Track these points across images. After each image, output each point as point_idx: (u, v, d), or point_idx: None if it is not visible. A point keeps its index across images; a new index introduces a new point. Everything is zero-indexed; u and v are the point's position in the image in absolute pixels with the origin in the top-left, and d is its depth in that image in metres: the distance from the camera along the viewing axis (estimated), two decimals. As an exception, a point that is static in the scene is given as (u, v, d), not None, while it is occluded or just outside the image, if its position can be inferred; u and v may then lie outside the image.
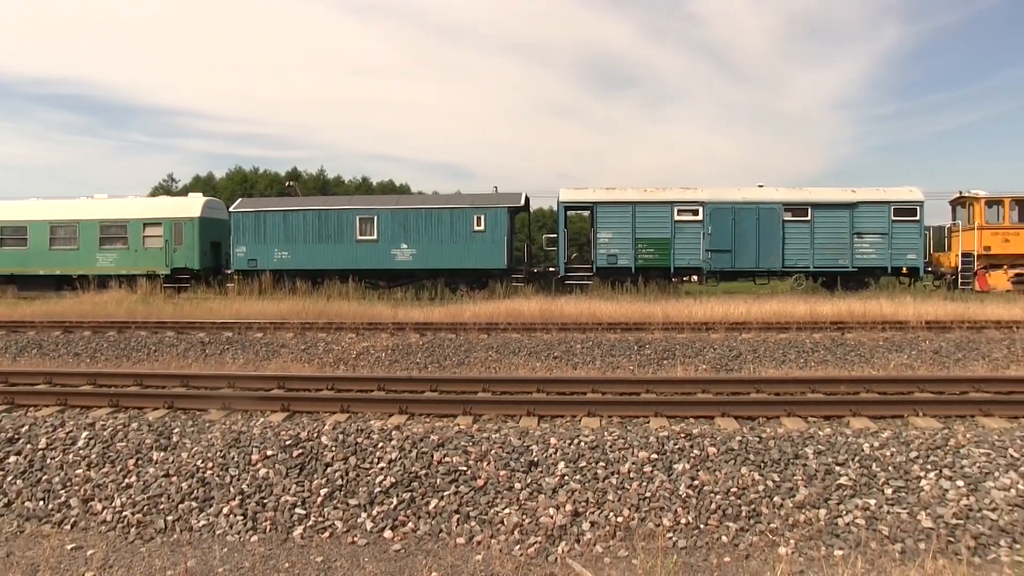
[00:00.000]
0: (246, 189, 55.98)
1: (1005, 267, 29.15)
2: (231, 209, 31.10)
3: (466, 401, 9.13)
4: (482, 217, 29.01)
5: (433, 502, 7.00)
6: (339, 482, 7.28)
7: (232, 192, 52.30)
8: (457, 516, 6.84)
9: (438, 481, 7.22)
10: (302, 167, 67.59)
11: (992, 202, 29.37)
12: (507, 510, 6.86)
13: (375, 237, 29.51)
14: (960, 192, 30.36)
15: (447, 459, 7.47)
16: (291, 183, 44.26)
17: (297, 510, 7.00)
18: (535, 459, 7.44)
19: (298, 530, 6.79)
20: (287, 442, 7.85)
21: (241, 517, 6.96)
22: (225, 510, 7.05)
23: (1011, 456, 7.31)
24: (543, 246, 33.43)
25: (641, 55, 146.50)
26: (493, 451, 7.57)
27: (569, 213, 30.90)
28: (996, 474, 7.08)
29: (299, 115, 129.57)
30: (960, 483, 6.98)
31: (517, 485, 7.13)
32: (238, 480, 7.40)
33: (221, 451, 7.80)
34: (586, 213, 31.15)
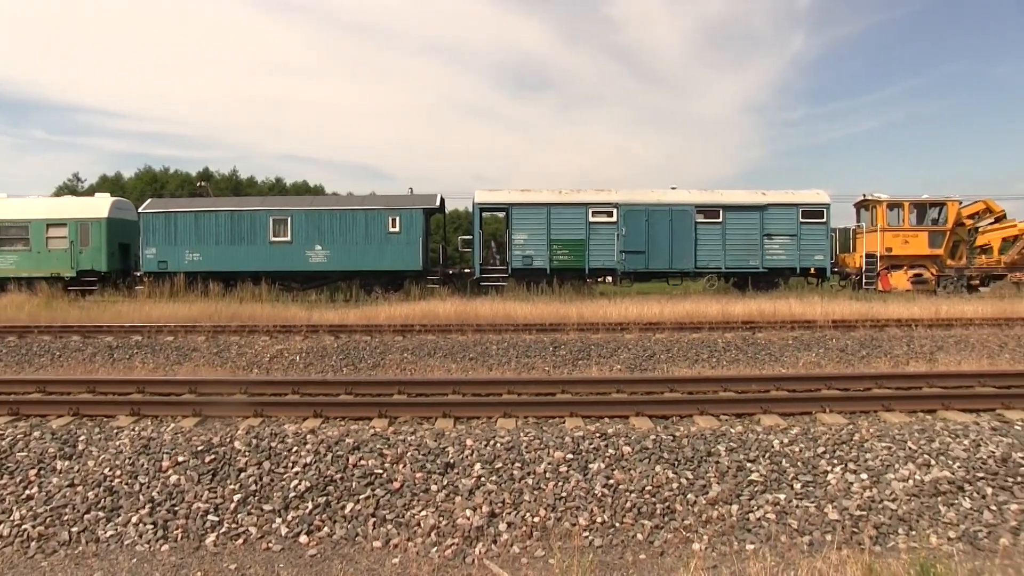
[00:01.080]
0: (156, 189, 54.67)
1: (905, 267, 30.15)
2: (141, 210, 30.26)
3: (381, 404, 9.07)
4: (397, 218, 28.84)
5: (349, 506, 6.93)
6: (253, 487, 7.16)
7: (141, 192, 50.99)
8: (373, 519, 6.79)
9: (354, 484, 7.16)
10: (214, 167, 66.49)
11: (893, 205, 30.35)
12: (424, 512, 6.83)
13: (289, 238, 29.09)
14: (864, 195, 31.31)
15: (363, 462, 7.41)
16: (203, 183, 43.41)
17: (210, 517, 6.85)
18: (451, 461, 7.43)
19: (211, 537, 6.65)
20: (199, 448, 7.68)
21: (151, 526, 6.78)
22: (134, 519, 6.87)
23: (910, 449, 7.58)
24: (459, 247, 33.41)
25: (557, 58, 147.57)
26: (409, 453, 7.53)
27: (484, 214, 30.92)
28: (896, 466, 7.34)
29: (211, 114, 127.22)
30: (864, 476, 7.22)
31: (433, 487, 7.11)
32: (148, 488, 7.22)
33: (130, 458, 7.60)
34: (501, 214, 31.23)
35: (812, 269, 29.85)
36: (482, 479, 7.18)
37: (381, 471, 7.31)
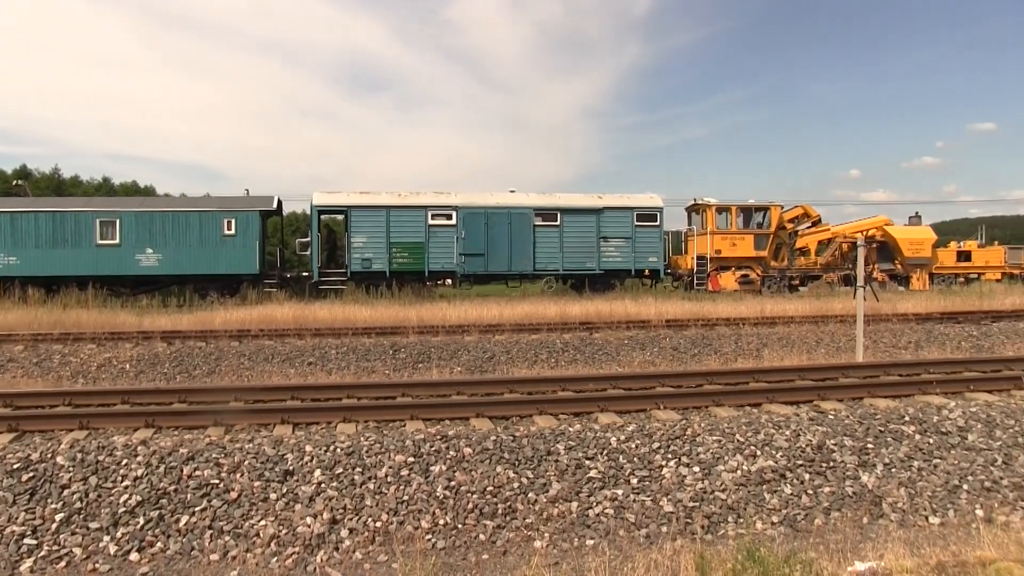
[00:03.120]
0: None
1: (733, 269, 31.58)
2: (-52, 211, 28.28)
3: (217, 411, 8.81)
4: (232, 221, 28.02)
5: (184, 519, 6.68)
6: (77, 505, 6.80)
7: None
8: (210, 532, 6.57)
9: (189, 496, 6.91)
10: (33, 165, 62.73)
11: (722, 209, 31.73)
12: (263, 522, 6.67)
13: (117, 241, 27.75)
14: (695, 200, 32.61)
15: (198, 473, 7.16)
16: (19, 182, 40.95)
17: (27, 540, 6.45)
18: (290, 468, 7.28)
19: (27, 563, 6.25)
20: (15, 465, 7.22)
21: (-38, 550, 6.34)
22: (-56, 543, 6.40)
23: (738, 441, 7.96)
24: (296, 251, 32.80)
25: (396, 59, 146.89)
26: (247, 462, 7.33)
27: (323, 217, 30.58)
28: (726, 458, 7.70)
29: (29, 108, 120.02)
30: (696, 469, 7.53)
31: (273, 495, 6.95)
32: (-40, 509, 6.75)
33: (-61, 478, 7.09)
34: (340, 217, 30.88)
35: (646, 271, 30.85)
36: (323, 485, 7.07)
37: (218, 481, 7.08)
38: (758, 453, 7.80)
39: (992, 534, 6.19)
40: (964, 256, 35.42)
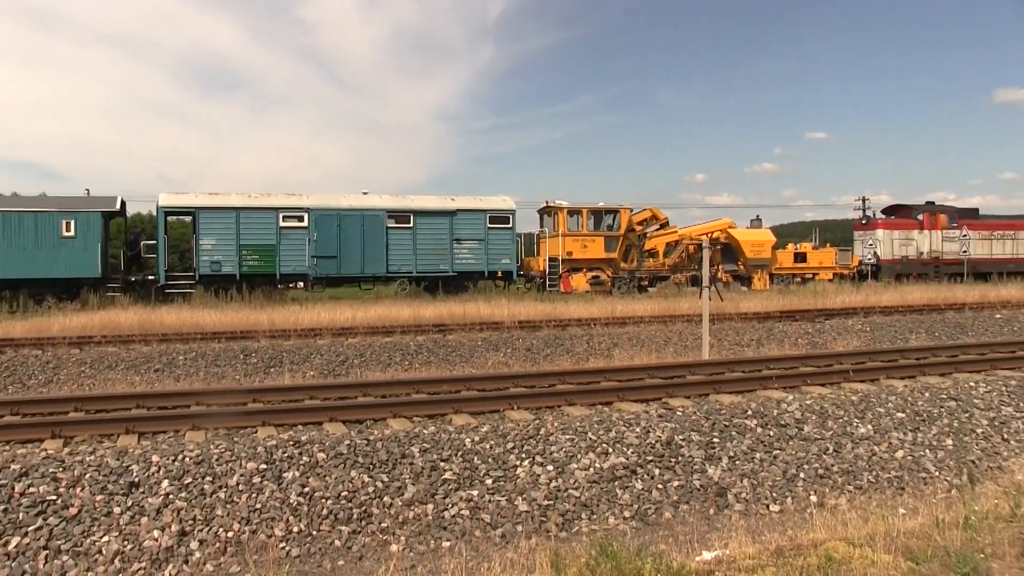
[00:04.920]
0: None
1: (584, 270, 32.17)
2: None
3: (55, 423, 8.40)
4: (72, 222, 26.65)
5: (15, 540, 6.29)
6: None
7: None
8: (46, 552, 6.22)
9: (21, 516, 6.51)
10: None
11: (573, 211, 32.29)
12: (106, 538, 6.36)
13: (-61, 244, 26.01)
14: (547, 202, 33.07)
15: (32, 489, 6.76)
16: None
17: None
18: (136, 479, 6.98)
19: None
20: None
21: None
22: None
23: (590, 439, 8.13)
24: (142, 253, 31.54)
25: (248, 57, 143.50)
26: (88, 475, 6.98)
27: (170, 219, 29.63)
28: (579, 456, 7.85)
29: None
30: (550, 467, 7.64)
31: (117, 509, 6.64)
32: None
33: None
34: (188, 219, 29.90)
35: (499, 272, 31.06)
36: (171, 496, 6.82)
37: (55, 497, 6.72)
38: (610, 450, 7.99)
39: (823, 517, 6.53)
40: (800, 257, 37.13)
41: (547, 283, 31.40)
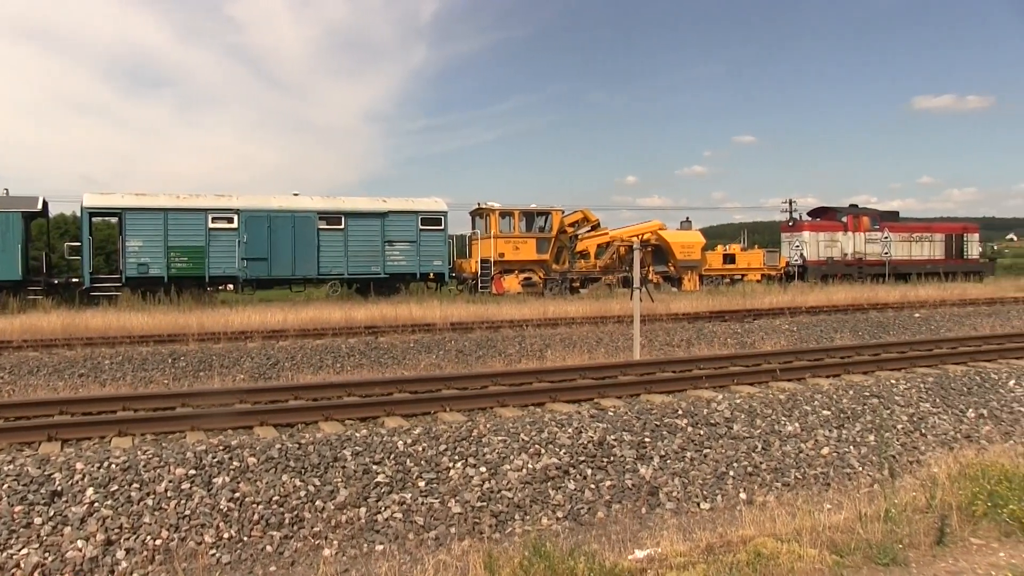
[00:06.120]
0: None
1: (516, 272, 32.27)
2: None
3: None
4: (-10, 223, 25.94)
5: (-70, 550, 6.09)
6: None
7: None
8: (-38, 563, 6.03)
9: (-63, 525, 6.31)
10: None
11: (505, 213, 32.37)
12: (25, 550, 6.17)
13: None
14: (479, 204, 33.08)
15: (-52, 499, 6.55)
16: None
17: None
18: (59, 488, 6.80)
19: None
20: None
21: None
22: None
23: (523, 440, 8.16)
24: (65, 255, 30.77)
25: (176, 55, 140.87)
26: (6, 485, 6.77)
27: (95, 220, 29.04)
28: (511, 457, 7.87)
29: None
30: (483, 469, 7.65)
31: (38, 520, 6.45)
32: None
33: None
34: (114, 220, 29.27)
35: (431, 274, 31.03)
36: (96, 504, 6.65)
37: (-28, 506, 6.52)
38: (542, 451, 8.02)
39: (752, 514, 6.64)
40: (730, 259, 37.72)
41: (479, 285, 31.40)
